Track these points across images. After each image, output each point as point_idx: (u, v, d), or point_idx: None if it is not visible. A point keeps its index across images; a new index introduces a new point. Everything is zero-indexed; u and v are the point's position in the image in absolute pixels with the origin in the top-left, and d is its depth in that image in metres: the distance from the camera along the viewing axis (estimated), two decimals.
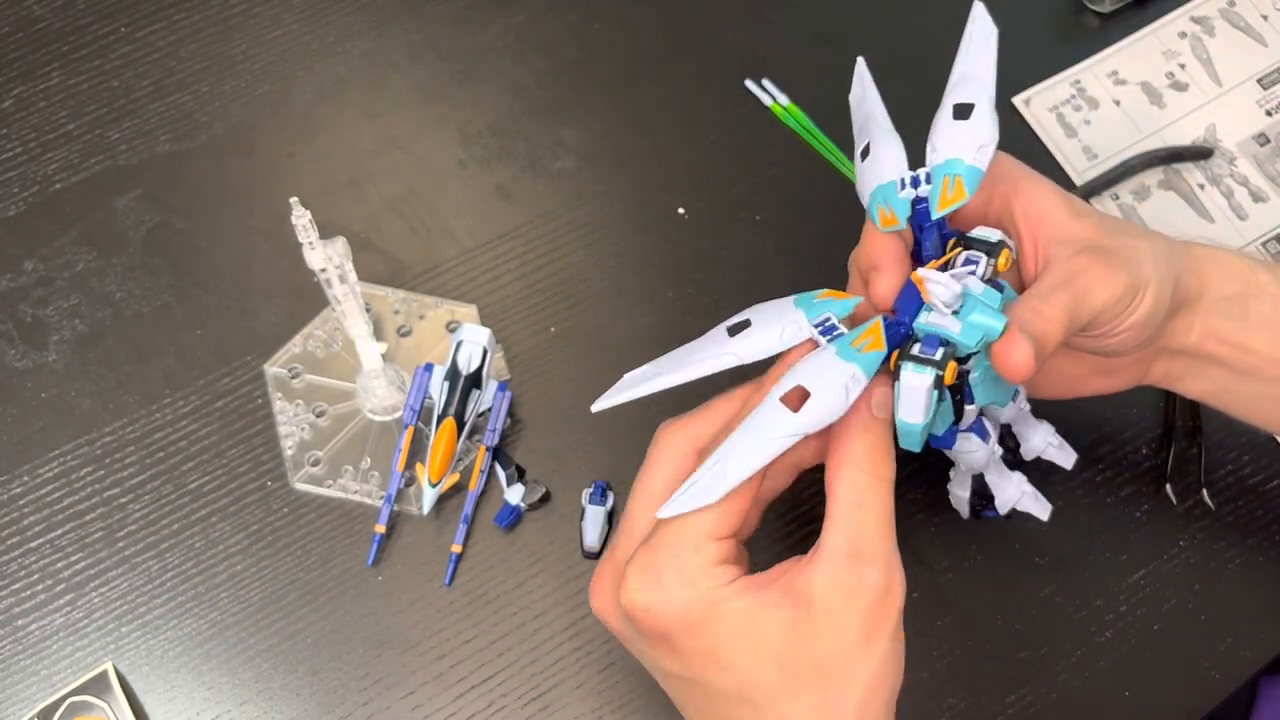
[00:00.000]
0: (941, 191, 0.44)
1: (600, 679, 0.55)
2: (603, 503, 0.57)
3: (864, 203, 0.46)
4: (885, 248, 0.45)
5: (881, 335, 0.41)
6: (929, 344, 0.40)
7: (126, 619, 0.55)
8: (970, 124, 0.45)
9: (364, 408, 0.59)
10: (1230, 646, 0.56)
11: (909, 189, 0.45)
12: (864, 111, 0.49)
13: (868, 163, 0.46)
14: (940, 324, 0.40)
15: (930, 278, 0.40)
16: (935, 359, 0.40)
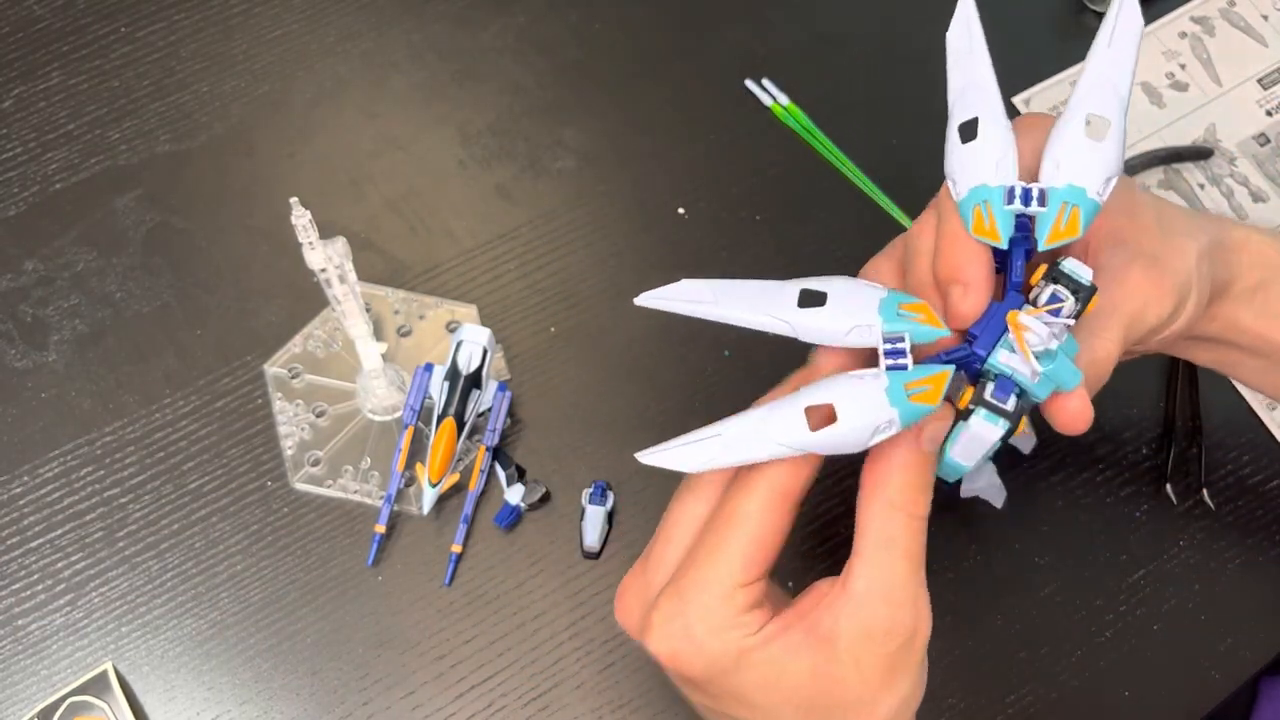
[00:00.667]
0: (1055, 221, 0.39)
1: (600, 679, 0.55)
2: (603, 503, 0.57)
3: (953, 190, 0.40)
4: (976, 260, 0.39)
5: (942, 390, 0.37)
6: (1002, 389, 0.38)
7: (126, 619, 0.55)
8: (1102, 148, 0.39)
9: (364, 408, 0.59)
10: (1230, 646, 0.56)
11: (1017, 202, 0.39)
12: (969, 71, 0.42)
13: (971, 148, 0.40)
14: (1018, 368, 0.38)
15: (1032, 326, 0.37)
16: (1009, 410, 0.38)
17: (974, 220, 0.39)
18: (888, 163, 0.66)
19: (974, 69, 0.42)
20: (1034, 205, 0.39)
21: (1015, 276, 0.39)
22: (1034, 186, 0.39)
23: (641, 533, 0.57)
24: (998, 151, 0.40)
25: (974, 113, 0.40)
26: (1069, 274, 0.39)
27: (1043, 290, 0.39)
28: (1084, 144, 0.39)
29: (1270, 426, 0.61)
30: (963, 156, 0.40)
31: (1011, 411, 0.38)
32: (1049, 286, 0.39)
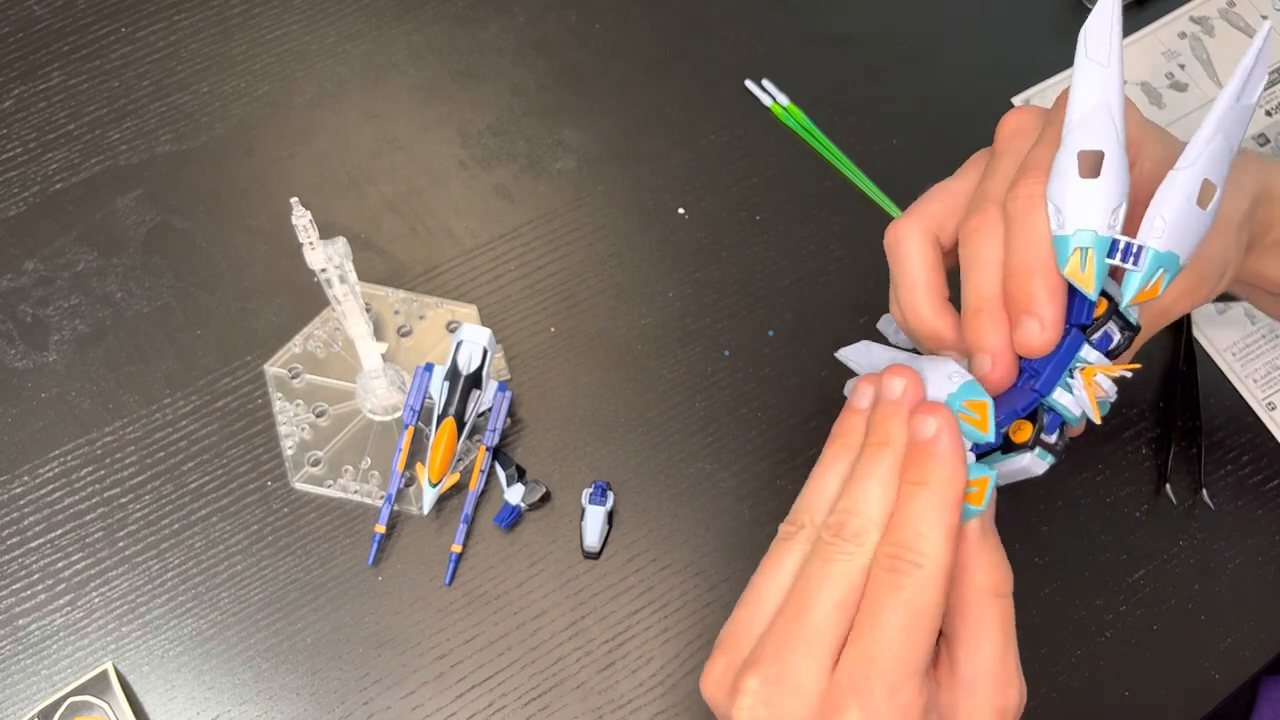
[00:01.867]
0: (1144, 284, 0.38)
1: (600, 679, 0.55)
2: (603, 503, 0.57)
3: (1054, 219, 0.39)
4: (1055, 299, 0.39)
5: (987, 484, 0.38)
6: (1051, 426, 0.40)
7: (127, 619, 0.55)
8: (1204, 217, 0.38)
9: (364, 408, 0.59)
10: (1230, 646, 0.56)
11: (1116, 256, 0.38)
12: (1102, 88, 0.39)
13: (1089, 186, 0.38)
14: (1069, 406, 0.40)
15: (1105, 387, 0.39)
16: (1057, 448, 0.40)
17: (1071, 262, 0.38)
18: (888, 163, 0.66)
19: (1108, 87, 0.39)
20: (1130, 264, 0.38)
21: (1085, 319, 0.40)
22: (1135, 245, 0.38)
23: (642, 533, 0.57)
24: (1116, 199, 0.38)
25: (1101, 145, 0.38)
26: (1125, 313, 0.40)
27: (1098, 327, 0.40)
28: (1193, 212, 0.38)
29: (1270, 426, 0.61)
30: (1079, 192, 0.38)
31: (1058, 448, 0.40)
32: (1105, 325, 0.40)
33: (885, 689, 0.36)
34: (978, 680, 0.38)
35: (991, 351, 0.40)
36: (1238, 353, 0.63)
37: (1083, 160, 0.38)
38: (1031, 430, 0.40)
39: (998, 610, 0.39)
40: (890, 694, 0.36)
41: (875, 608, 0.37)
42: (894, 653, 0.36)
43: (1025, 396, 0.40)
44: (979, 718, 0.38)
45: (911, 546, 0.37)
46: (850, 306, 0.62)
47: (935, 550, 0.36)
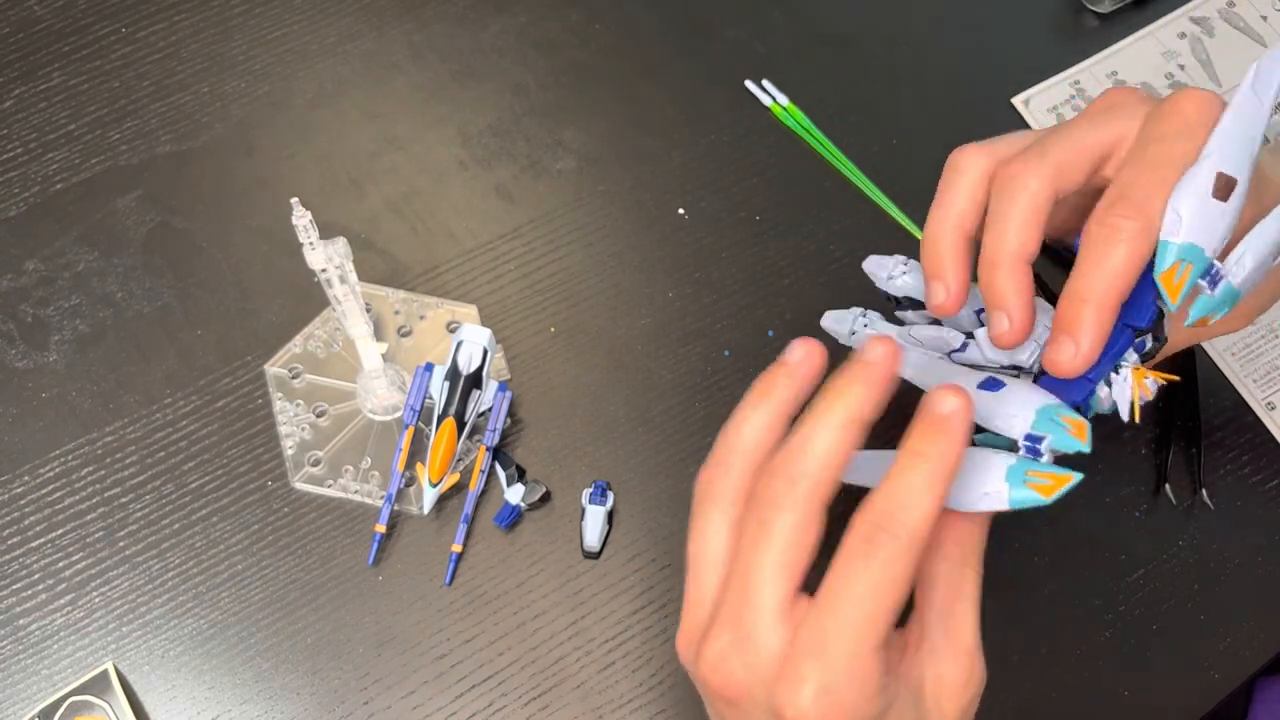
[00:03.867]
0: (1211, 313, 0.40)
1: (600, 679, 0.55)
2: (603, 503, 0.57)
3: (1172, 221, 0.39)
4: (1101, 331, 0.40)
5: (1059, 490, 0.38)
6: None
7: (127, 619, 0.55)
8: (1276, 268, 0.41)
9: (364, 408, 0.59)
10: (1229, 646, 0.57)
11: (1205, 280, 0.40)
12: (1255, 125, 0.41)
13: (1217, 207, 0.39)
14: (1102, 400, 0.42)
15: (1150, 387, 0.41)
16: None
17: (1170, 269, 0.39)
18: (888, 163, 0.66)
19: (1258, 124, 0.40)
20: (1208, 288, 0.40)
21: (1144, 323, 0.41)
22: (1218, 269, 0.40)
23: (642, 533, 0.57)
24: (1231, 228, 0.40)
25: (1237, 173, 0.40)
26: (1158, 330, 0.42)
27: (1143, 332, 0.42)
28: (1268, 264, 0.40)
29: (1270, 426, 0.61)
30: (1205, 209, 0.39)
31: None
32: (1143, 338, 0.42)
33: (846, 656, 0.36)
34: (947, 649, 0.39)
35: (1009, 312, 0.41)
36: (1238, 353, 0.63)
37: (1219, 181, 0.39)
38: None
39: (970, 584, 0.40)
40: (850, 661, 0.36)
41: (845, 574, 0.36)
42: (858, 622, 0.36)
43: (1082, 388, 0.41)
44: (945, 685, 0.39)
45: (894, 517, 0.36)
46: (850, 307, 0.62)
47: (917, 523, 0.36)
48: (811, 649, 0.36)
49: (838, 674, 0.36)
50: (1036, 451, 0.40)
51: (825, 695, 0.36)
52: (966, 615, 0.40)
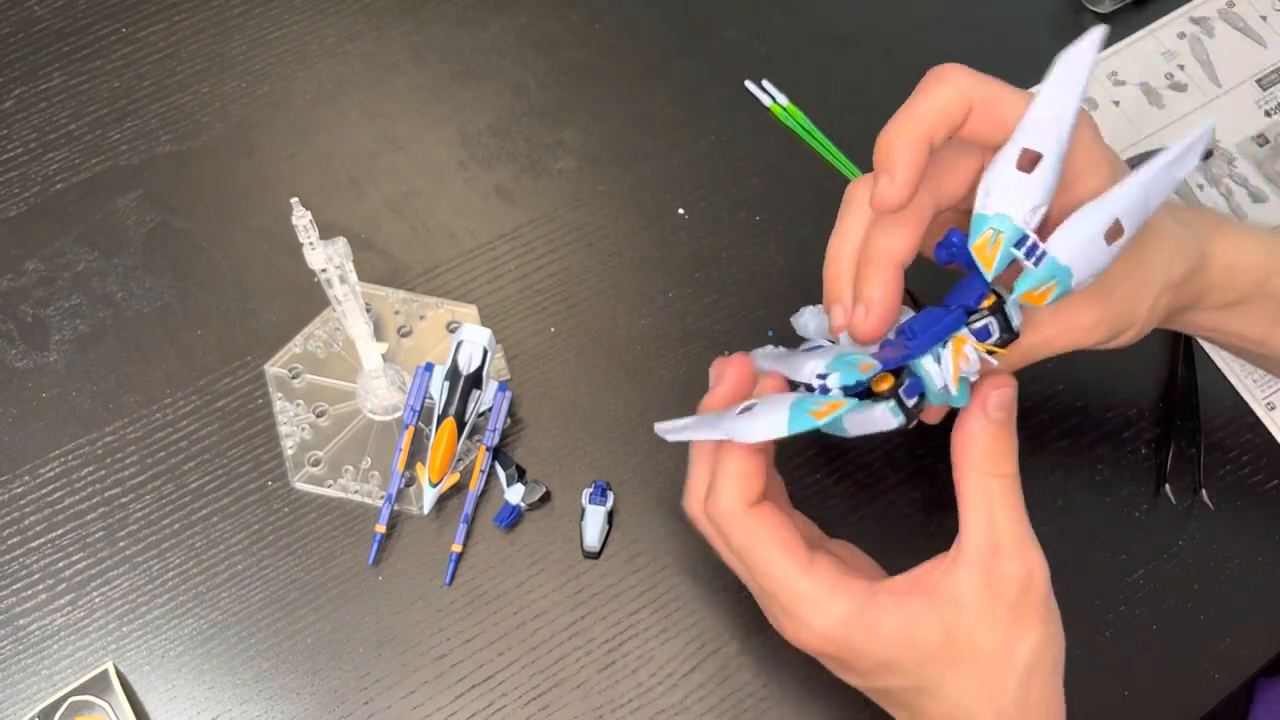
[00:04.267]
0: (1037, 285, 0.41)
1: (600, 679, 0.55)
2: (603, 503, 0.57)
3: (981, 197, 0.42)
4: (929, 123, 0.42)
5: (838, 408, 0.41)
6: (912, 389, 0.42)
7: (127, 619, 0.55)
8: (1108, 251, 0.41)
9: (364, 408, 0.59)
10: (1229, 646, 0.57)
11: (1022, 250, 0.41)
12: (1061, 106, 0.42)
13: (1022, 179, 0.41)
14: (934, 378, 0.42)
15: (971, 358, 0.42)
16: (911, 409, 0.42)
17: (981, 238, 0.41)
18: None
19: (1066, 107, 0.42)
20: (1030, 263, 0.41)
21: (973, 301, 0.42)
22: (1041, 247, 0.41)
23: (642, 533, 0.57)
24: (1039, 199, 0.41)
25: (1043, 149, 0.41)
26: (1009, 314, 0.42)
27: (981, 319, 0.42)
28: (1098, 243, 0.41)
29: (1270, 426, 0.61)
30: (1010, 181, 0.41)
31: (912, 410, 0.43)
32: (988, 318, 0.42)
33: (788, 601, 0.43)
34: (975, 555, 0.42)
35: (867, 302, 0.43)
36: None
37: (1024, 155, 0.41)
38: (891, 383, 0.42)
39: (996, 488, 0.42)
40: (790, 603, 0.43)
41: None
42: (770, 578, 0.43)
43: (897, 352, 0.42)
44: (977, 589, 0.42)
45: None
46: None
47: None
48: None
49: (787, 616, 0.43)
50: (825, 389, 0.43)
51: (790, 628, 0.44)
52: (998, 519, 0.42)
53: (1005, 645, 0.42)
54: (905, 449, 0.60)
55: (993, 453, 0.43)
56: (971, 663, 0.42)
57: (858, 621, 0.42)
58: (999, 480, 0.42)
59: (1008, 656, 0.42)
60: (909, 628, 0.42)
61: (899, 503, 0.59)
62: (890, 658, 0.42)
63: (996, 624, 0.42)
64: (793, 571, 0.42)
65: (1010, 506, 0.43)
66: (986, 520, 0.42)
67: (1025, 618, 0.42)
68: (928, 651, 0.42)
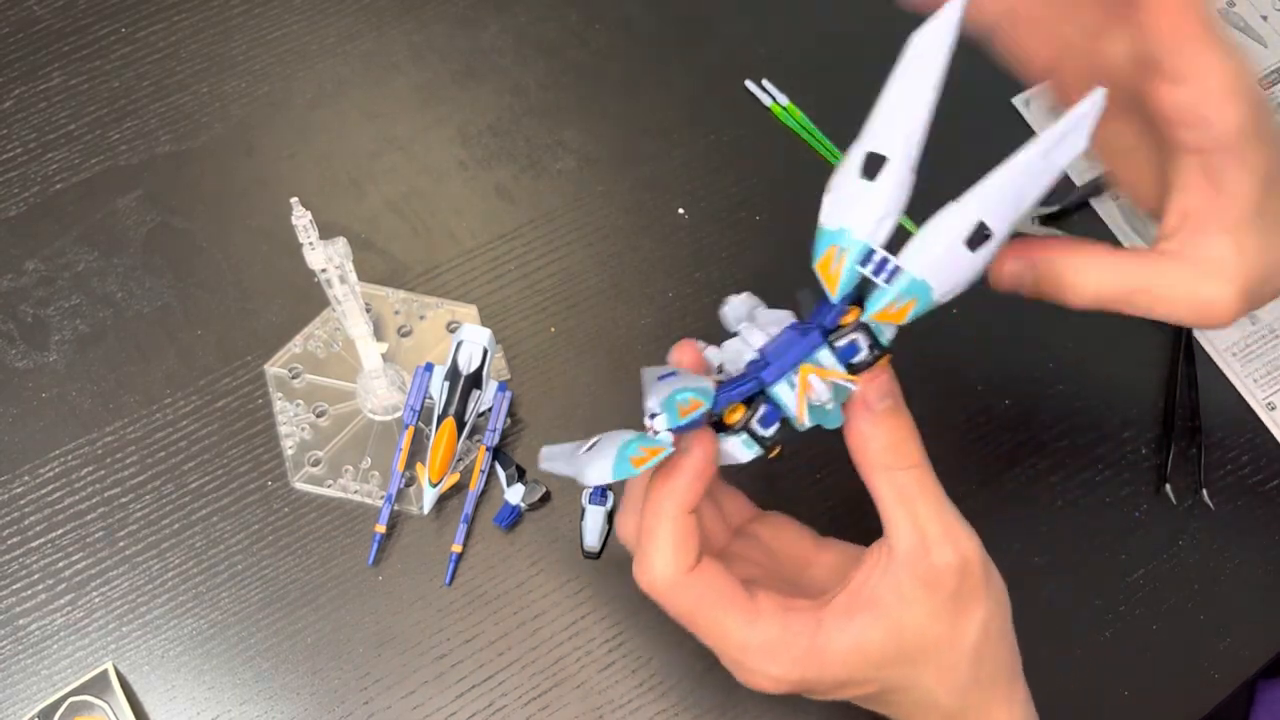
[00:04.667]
0: (891, 302, 0.38)
1: (600, 679, 0.55)
2: (603, 503, 0.57)
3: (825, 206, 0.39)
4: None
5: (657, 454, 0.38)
6: (769, 419, 0.40)
7: (127, 619, 0.55)
8: (973, 260, 0.37)
9: (364, 408, 0.59)
10: (1230, 647, 0.57)
11: (869, 269, 0.38)
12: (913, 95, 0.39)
13: (865, 188, 0.38)
14: (789, 406, 0.40)
15: (816, 387, 0.39)
16: (768, 438, 0.41)
17: (824, 255, 0.38)
18: None
19: (919, 96, 0.38)
20: (881, 279, 0.38)
21: (829, 321, 0.40)
22: (891, 262, 0.38)
23: None
24: (886, 208, 0.38)
25: (888, 150, 0.38)
26: (874, 330, 0.39)
27: (844, 335, 0.39)
28: (958, 250, 0.37)
29: (1270, 426, 0.61)
30: (853, 190, 0.38)
31: (770, 439, 0.41)
32: (853, 333, 0.39)
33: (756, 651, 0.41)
34: (906, 554, 0.41)
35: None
36: (1238, 353, 0.63)
37: (869, 162, 0.38)
38: (742, 413, 0.40)
39: (906, 480, 0.41)
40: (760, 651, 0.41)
41: None
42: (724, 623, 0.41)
43: (747, 382, 0.40)
44: (915, 586, 0.41)
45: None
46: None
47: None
48: None
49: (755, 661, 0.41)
50: (656, 430, 0.39)
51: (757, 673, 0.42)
52: (914, 512, 0.41)
53: (952, 633, 0.41)
54: None
55: (892, 446, 0.41)
56: (923, 657, 0.41)
57: (809, 657, 0.41)
58: (907, 473, 0.41)
59: (957, 642, 0.42)
60: (858, 646, 0.41)
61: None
62: (844, 677, 0.41)
63: (941, 617, 0.41)
64: (737, 626, 0.41)
65: (928, 497, 0.41)
66: (907, 516, 0.41)
67: (967, 603, 0.41)
68: (880, 661, 0.41)
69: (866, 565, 0.42)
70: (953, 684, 0.42)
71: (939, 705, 0.43)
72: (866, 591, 0.41)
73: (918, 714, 0.44)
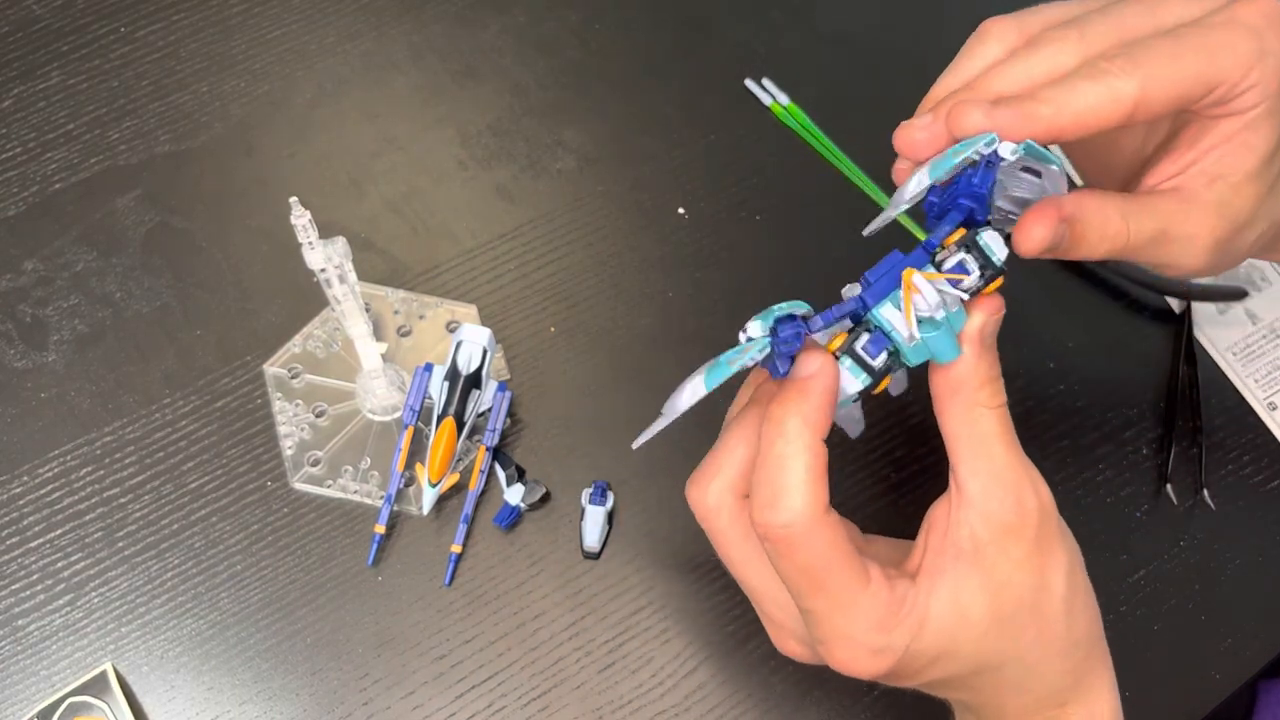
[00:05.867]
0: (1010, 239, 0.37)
1: (600, 679, 0.55)
2: (603, 503, 0.57)
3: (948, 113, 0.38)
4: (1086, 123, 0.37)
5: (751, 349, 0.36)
6: (876, 344, 0.38)
7: (126, 619, 0.55)
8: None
9: (364, 408, 0.59)
10: (1230, 647, 0.56)
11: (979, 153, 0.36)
12: None
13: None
14: (897, 326, 0.37)
15: (922, 289, 0.36)
16: (876, 367, 0.38)
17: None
18: (888, 163, 0.66)
19: None
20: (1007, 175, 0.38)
21: (934, 238, 0.38)
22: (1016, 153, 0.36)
23: (641, 533, 0.57)
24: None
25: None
26: (983, 246, 0.37)
27: (950, 255, 0.37)
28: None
29: (1270, 426, 0.61)
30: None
31: (878, 369, 0.38)
32: (959, 253, 0.37)
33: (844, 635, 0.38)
34: (984, 495, 0.38)
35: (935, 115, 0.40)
36: (1238, 353, 0.63)
37: None
38: (844, 338, 0.38)
39: (989, 420, 0.39)
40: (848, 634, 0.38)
41: None
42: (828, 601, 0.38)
43: (851, 303, 0.38)
44: (998, 533, 0.38)
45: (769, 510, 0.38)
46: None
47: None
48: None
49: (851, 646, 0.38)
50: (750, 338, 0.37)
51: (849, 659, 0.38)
52: (994, 453, 0.39)
53: (1042, 585, 0.39)
54: (906, 448, 0.60)
55: (989, 382, 0.39)
56: (1020, 614, 0.39)
57: (914, 627, 0.38)
58: (994, 412, 0.39)
59: (1048, 595, 0.39)
60: (957, 605, 0.38)
61: (900, 503, 0.59)
62: (941, 647, 0.39)
63: (1027, 565, 0.39)
64: (851, 591, 0.37)
65: (1008, 439, 0.39)
66: (985, 458, 0.39)
67: (1050, 548, 0.39)
68: (980, 623, 0.38)
69: (937, 524, 0.40)
70: (1051, 643, 0.40)
71: (1042, 677, 0.40)
72: (949, 546, 0.39)
73: (1011, 697, 0.41)
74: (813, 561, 0.37)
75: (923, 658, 0.39)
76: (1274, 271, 0.65)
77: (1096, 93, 0.37)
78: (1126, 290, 0.64)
